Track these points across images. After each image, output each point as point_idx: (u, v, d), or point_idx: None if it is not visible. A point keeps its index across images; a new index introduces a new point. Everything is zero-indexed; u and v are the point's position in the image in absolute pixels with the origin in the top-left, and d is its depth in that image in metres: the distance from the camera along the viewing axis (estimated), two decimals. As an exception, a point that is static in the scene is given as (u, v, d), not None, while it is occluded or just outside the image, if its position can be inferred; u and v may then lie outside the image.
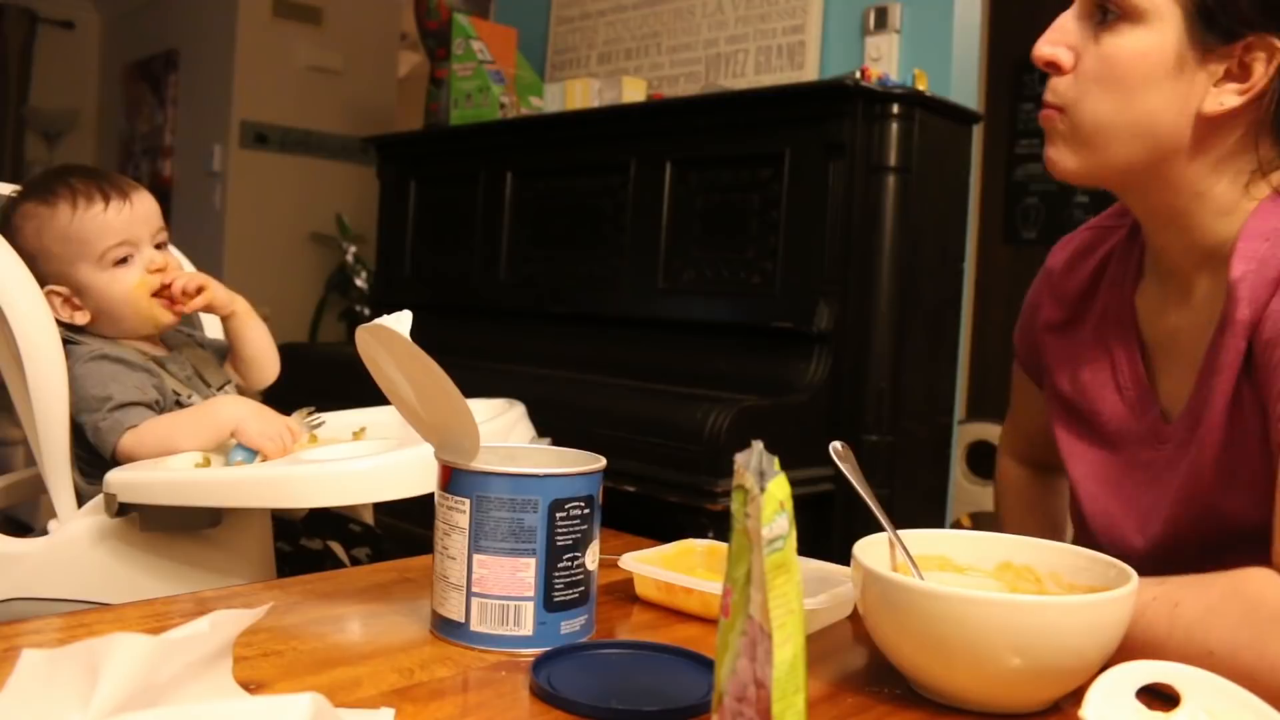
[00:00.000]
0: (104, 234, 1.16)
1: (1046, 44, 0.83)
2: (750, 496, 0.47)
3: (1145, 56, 0.78)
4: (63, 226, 1.15)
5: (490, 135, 2.68)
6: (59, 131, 5.05)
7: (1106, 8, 0.80)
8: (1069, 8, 0.84)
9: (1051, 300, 1.01)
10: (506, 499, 0.72)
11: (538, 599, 0.73)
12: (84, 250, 1.16)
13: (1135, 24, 0.78)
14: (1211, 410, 0.80)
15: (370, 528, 1.29)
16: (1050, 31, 0.84)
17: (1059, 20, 0.84)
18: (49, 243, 1.16)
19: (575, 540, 0.74)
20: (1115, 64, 0.79)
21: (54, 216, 1.16)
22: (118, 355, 1.14)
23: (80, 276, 1.16)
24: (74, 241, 1.15)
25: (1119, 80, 0.80)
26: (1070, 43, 0.82)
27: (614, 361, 2.21)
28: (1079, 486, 0.95)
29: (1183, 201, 0.83)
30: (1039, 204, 3.41)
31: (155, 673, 0.50)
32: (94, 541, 1.03)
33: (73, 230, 1.15)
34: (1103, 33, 0.80)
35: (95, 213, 1.16)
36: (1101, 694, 0.57)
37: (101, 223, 1.16)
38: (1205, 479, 0.81)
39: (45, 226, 1.16)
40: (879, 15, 2.37)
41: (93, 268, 1.16)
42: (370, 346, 0.75)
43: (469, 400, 0.73)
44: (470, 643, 0.73)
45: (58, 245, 1.15)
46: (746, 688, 0.48)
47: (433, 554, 0.76)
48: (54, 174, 1.20)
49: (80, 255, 1.16)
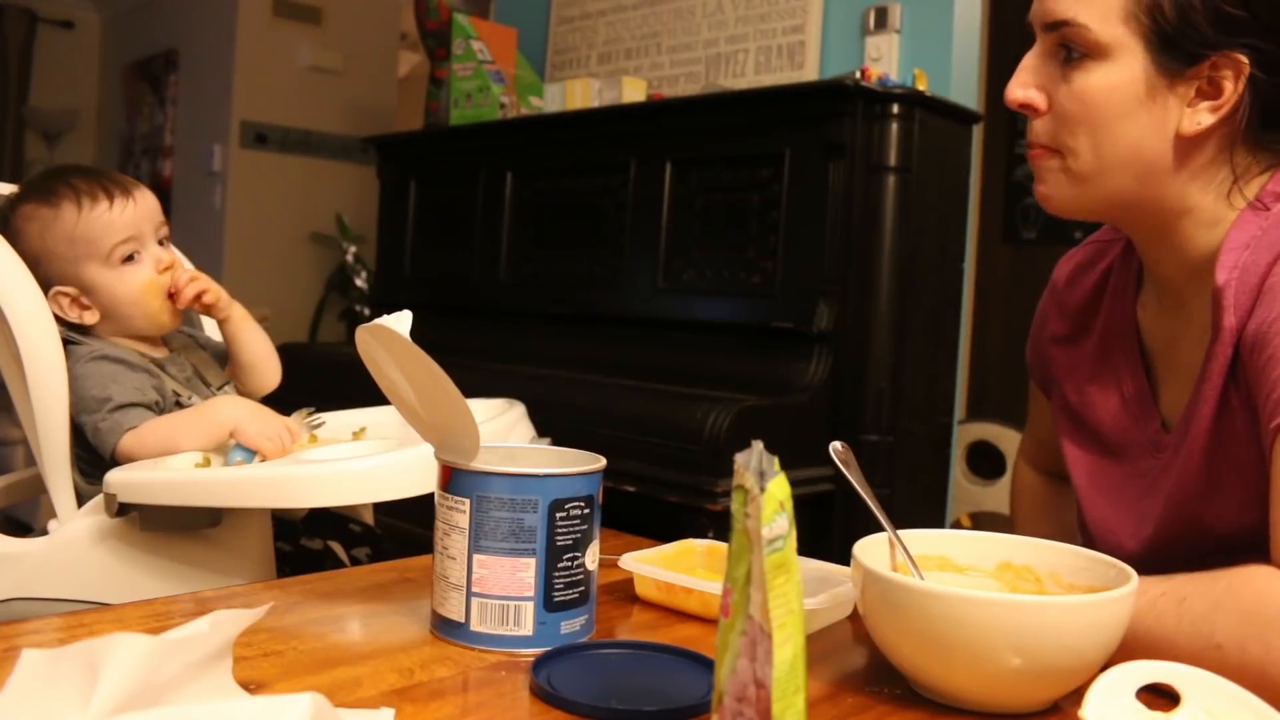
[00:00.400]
0: (110, 232, 1.16)
1: (1018, 87, 0.85)
2: (750, 496, 0.47)
3: (1116, 91, 0.80)
4: (68, 227, 1.15)
5: (490, 135, 2.68)
6: (59, 131, 5.05)
7: (1070, 47, 0.81)
8: (1030, 48, 0.85)
9: (1057, 314, 1.03)
10: (506, 499, 0.72)
11: (538, 599, 0.73)
12: (91, 250, 1.16)
13: (1100, 60, 0.80)
14: (1199, 417, 0.81)
15: (370, 528, 1.29)
16: (1019, 74, 0.85)
17: (1024, 61, 0.85)
18: (54, 244, 1.15)
19: (575, 540, 0.74)
20: (1088, 102, 0.81)
21: (58, 217, 1.15)
22: (118, 356, 1.14)
23: (88, 276, 1.16)
24: (80, 241, 1.15)
25: (1095, 117, 0.81)
26: (1040, 83, 0.84)
27: (614, 361, 2.21)
28: (1080, 493, 0.96)
29: (1171, 219, 0.84)
30: (1038, 204, 3.41)
31: (155, 673, 0.50)
32: (94, 541, 1.03)
33: (79, 230, 1.15)
34: (1070, 72, 0.81)
35: (100, 211, 1.16)
36: (1101, 694, 0.57)
37: (107, 221, 1.16)
38: (1191, 485, 0.82)
39: (49, 227, 1.15)
40: (879, 15, 2.37)
41: (100, 266, 1.16)
42: (370, 346, 0.75)
43: (469, 400, 0.73)
44: (470, 643, 0.73)
45: (63, 246, 1.15)
46: (746, 688, 0.48)
47: (433, 554, 0.76)
48: (54, 174, 1.20)
49: (87, 255, 1.16)
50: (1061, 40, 0.81)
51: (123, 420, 1.10)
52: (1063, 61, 0.82)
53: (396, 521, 1.47)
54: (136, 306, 1.17)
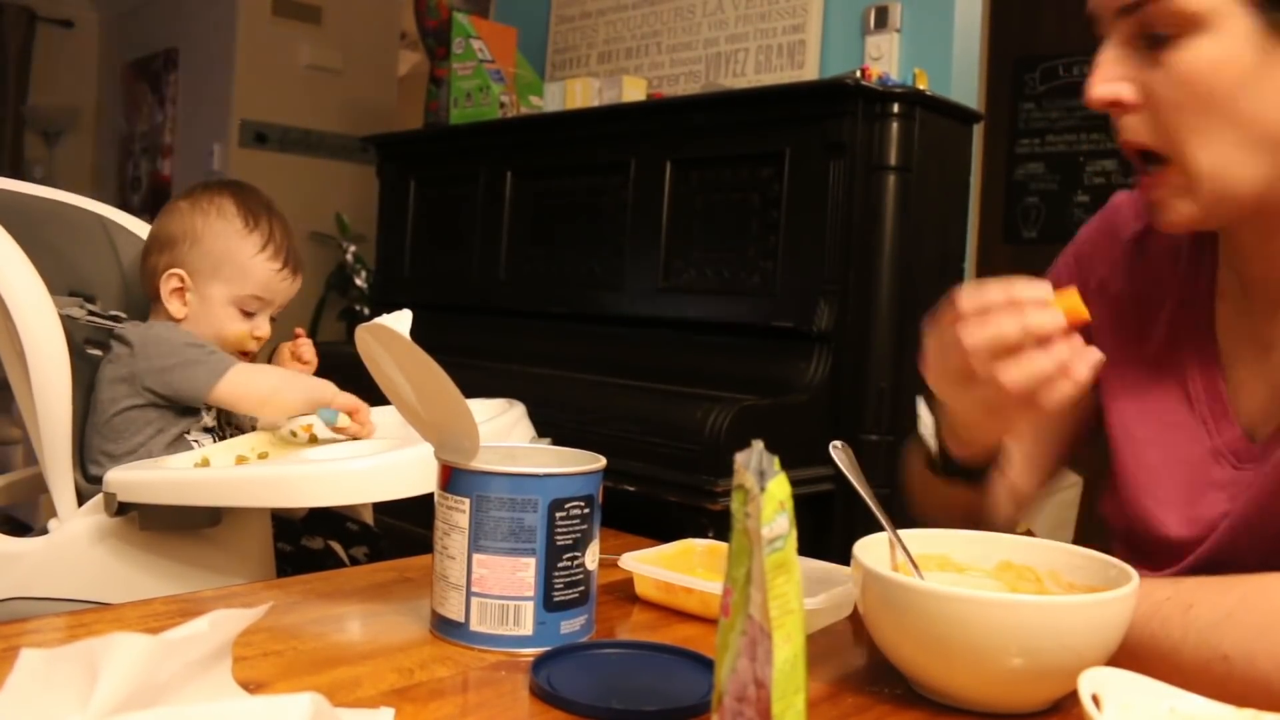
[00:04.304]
0: (265, 289, 1.22)
1: (1100, 83, 0.74)
2: (750, 496, 0.47)
3: (1224, 64, 0.70)
4: (246, 254, 1.20)
5: (490, 135, 2.68)
6: (58, 130, 5.05)
7: (1155, 31, 0.71)
8: (1102, 43, 0.76)
9: (1109, 261, 0.91)
10: (506, 499, 0.72)
11: (538, 599, 0.73)
12: (239, 283, 1.20)
13: (1196, 33, 0.70)
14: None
15: (368, 527, 1.30)
16: (1098, 69, 0.75)
17: (1101, 57, 0.75)
18: (219, 247, 1.19)
19: (575, 540, 0.74)
20: (1195, 83, 0.70)
21: (244, 239, 1.20)
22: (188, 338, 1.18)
23: (211, 291, 1.20)
24: (239, 269, 1.20)
25: (1207, 100, 0.71)
26: (1126, 75, 0.74)
27: (614, 361, 2.21)
28: (1123, 468, 0.88)
29: None
30: (1039, 204, 3.41)
31: (155, 673, 0.50)
32: (94, 541, 1.03)
33: (249, 264, 1.20)
34: (1163, 55, 0.71)
35: (274, 268, 1.22)
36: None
37: (271, 279, 1.22)
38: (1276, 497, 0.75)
39: (230, 237, 1.20)
40: (879, 14, 2.37)
41: (226, 297, 1.21)
42: (370, 346, 0.75)
43: (469, 400, 0.73)
44: (470, 642, 0.73)
45: (224, 256, 1.20)
46: (746, 688, 0.48)
47: (432, 554, 0.76)
48: (264, 204, 1.25)
49: (231, 280, 1.20)
50: (1143, 23, 0.71)
51: (223, 361, 1.13)
52: (1149, 47, 0.72)
53: (396, 521, 1.47)
54: (217, 340, 1.21)
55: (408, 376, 0.75)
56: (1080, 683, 0.55)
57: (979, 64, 2.48)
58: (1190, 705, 0.56)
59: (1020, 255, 3.42)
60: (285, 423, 1.19)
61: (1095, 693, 0.55)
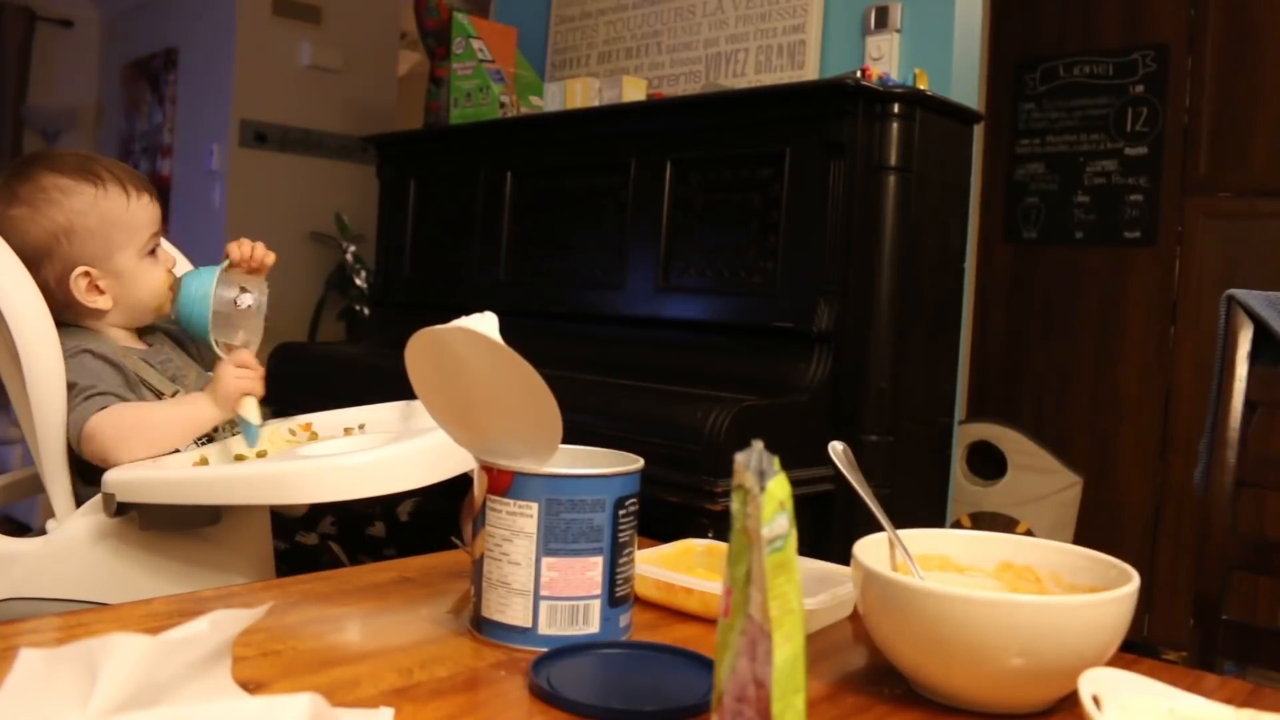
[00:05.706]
0: (150, 224, 1.18)
1: None
2: (750, 496, 0.47)
3: None
4: (116, 211, 1.15)
5: (490, 134, 2.68)
6: (58, 130, 5.05)
7: None
8: None
9: None
10: (578, 500, 0.73)
11: (603, 596, 0.74)
12: (132, 238, 1.17)
13: None
14: None
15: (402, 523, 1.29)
16: None
17: None
18: (95, 223, 1.15)
19: (629, 536, 0.77)
20: None
21: (106, 199, 1.15)
22: (101, 352, 1.14)
23: (119, 263, 1.16)
24: (124, 228, 1.16)
25: None
26: None
27: (614, 361, 2.21)
28: None
29: None
30: (1039, 204, 3.41)
31: (154, 673, 0.50)
32: (93, 541, 1.03)
33: (127, 217, 1.16)
34: None
35: (145, 202, 1.18)
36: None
37: (149, 213, 1.18)
38: None
39: (94, 207, 1.15)
40: (879, 14, 2.37)
41: (134, 256, 1.17)
42: (431, 349, 0.73)
43: None
44: (537, 645, 0.72)
45: (104, 227, 1.15)
46: (746, 687, 0.48)
47: (479, 560, 0.75)
48: (84, 157, 1.20)
49: (128, 242, 1.17)
50: None
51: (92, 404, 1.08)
52: None
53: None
54: (155, 299, 1.18)
55: (489, 379, 0.72)
56: (1080, 683, 0.55)
57: (979, 64, 2.48)
58: (1190, 705, 0.56)
59: (1020, 255, 3.42)
60: (282, 421, 1.18)
61: (1095, 693, 0.55)
